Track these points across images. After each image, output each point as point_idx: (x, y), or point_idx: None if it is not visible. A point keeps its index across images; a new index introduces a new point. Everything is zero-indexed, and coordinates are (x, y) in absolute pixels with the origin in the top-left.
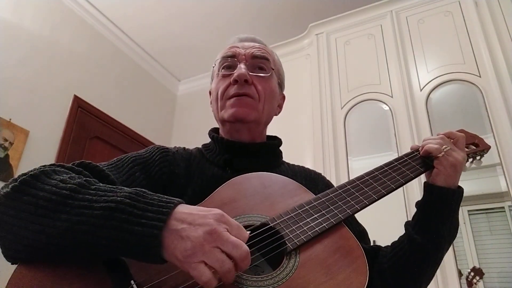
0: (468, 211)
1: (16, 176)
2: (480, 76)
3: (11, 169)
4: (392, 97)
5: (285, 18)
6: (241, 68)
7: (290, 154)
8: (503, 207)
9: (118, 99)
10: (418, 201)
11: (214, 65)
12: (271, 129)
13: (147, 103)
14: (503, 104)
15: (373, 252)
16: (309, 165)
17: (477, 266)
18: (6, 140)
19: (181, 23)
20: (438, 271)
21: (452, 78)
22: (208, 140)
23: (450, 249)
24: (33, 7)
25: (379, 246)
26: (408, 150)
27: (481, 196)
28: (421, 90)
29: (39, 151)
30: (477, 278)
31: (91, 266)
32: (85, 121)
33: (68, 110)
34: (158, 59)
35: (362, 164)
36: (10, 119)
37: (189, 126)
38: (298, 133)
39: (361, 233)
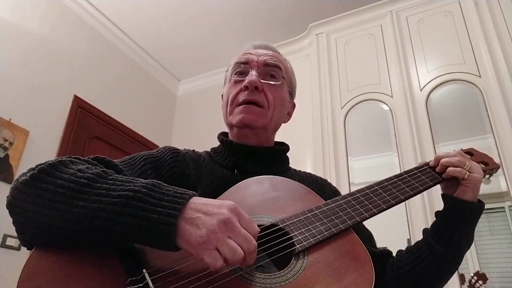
0: None
1: (16, 176)
2: (480, 76)
3: (11, 169)
4: (392, 97)
5: (285, 18)
6: (253, 74)
7: (290, 154)
8: (503, 207)
9: (118, 99)
10: (438, 211)
11: (227, 70)
12: None
13: (147, 103)
14: (503, 104)
15: (384, 257)
16: (309, 165)
17: (479, 269)
18: (6, 140)
19: (182, 23)
20: None
21: (452, 78)
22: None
23: None
24: (32, 7)
25: (389, 251)
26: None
27: (481, 196)
28: (421, 90)
29: (39, 151)
30: (480, 282)
31: (104, 253)
32: (85, 121)
33: (68, 110)
34: (158, 59)
35: (362, 164)
36: (10, 119)
37: (189, 126)
38: (298, 133)
39: (368, 237)
